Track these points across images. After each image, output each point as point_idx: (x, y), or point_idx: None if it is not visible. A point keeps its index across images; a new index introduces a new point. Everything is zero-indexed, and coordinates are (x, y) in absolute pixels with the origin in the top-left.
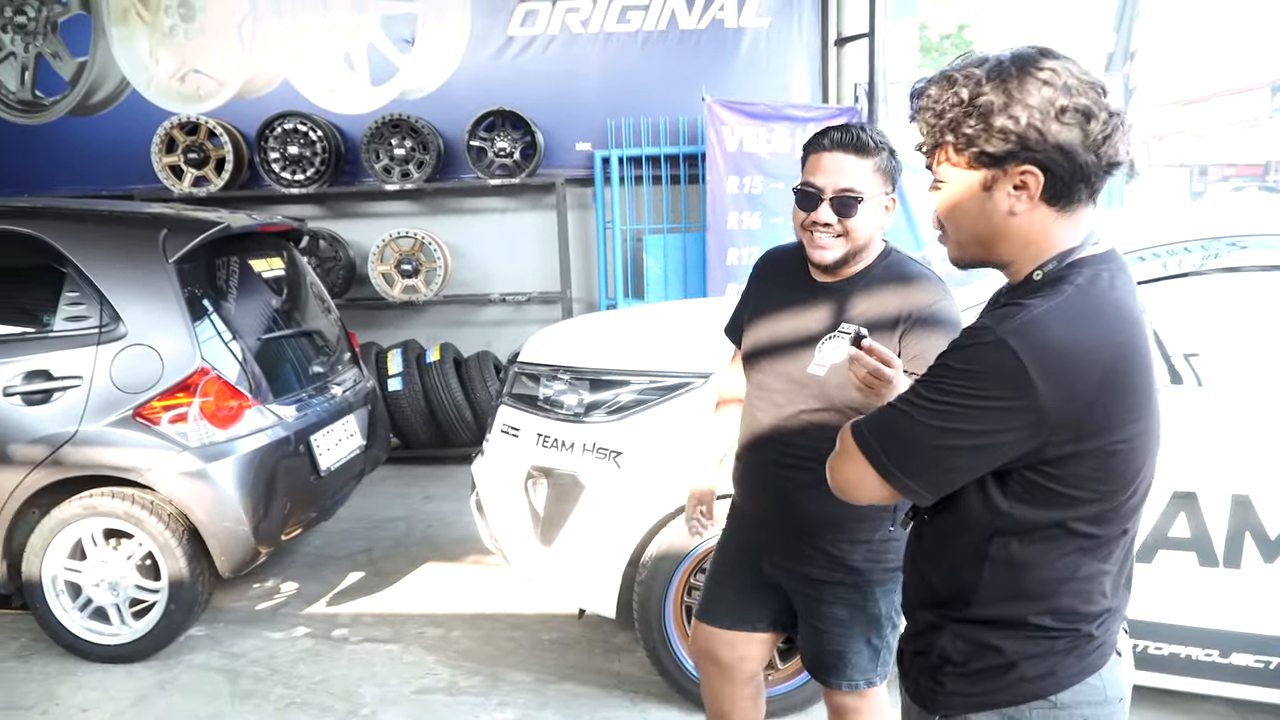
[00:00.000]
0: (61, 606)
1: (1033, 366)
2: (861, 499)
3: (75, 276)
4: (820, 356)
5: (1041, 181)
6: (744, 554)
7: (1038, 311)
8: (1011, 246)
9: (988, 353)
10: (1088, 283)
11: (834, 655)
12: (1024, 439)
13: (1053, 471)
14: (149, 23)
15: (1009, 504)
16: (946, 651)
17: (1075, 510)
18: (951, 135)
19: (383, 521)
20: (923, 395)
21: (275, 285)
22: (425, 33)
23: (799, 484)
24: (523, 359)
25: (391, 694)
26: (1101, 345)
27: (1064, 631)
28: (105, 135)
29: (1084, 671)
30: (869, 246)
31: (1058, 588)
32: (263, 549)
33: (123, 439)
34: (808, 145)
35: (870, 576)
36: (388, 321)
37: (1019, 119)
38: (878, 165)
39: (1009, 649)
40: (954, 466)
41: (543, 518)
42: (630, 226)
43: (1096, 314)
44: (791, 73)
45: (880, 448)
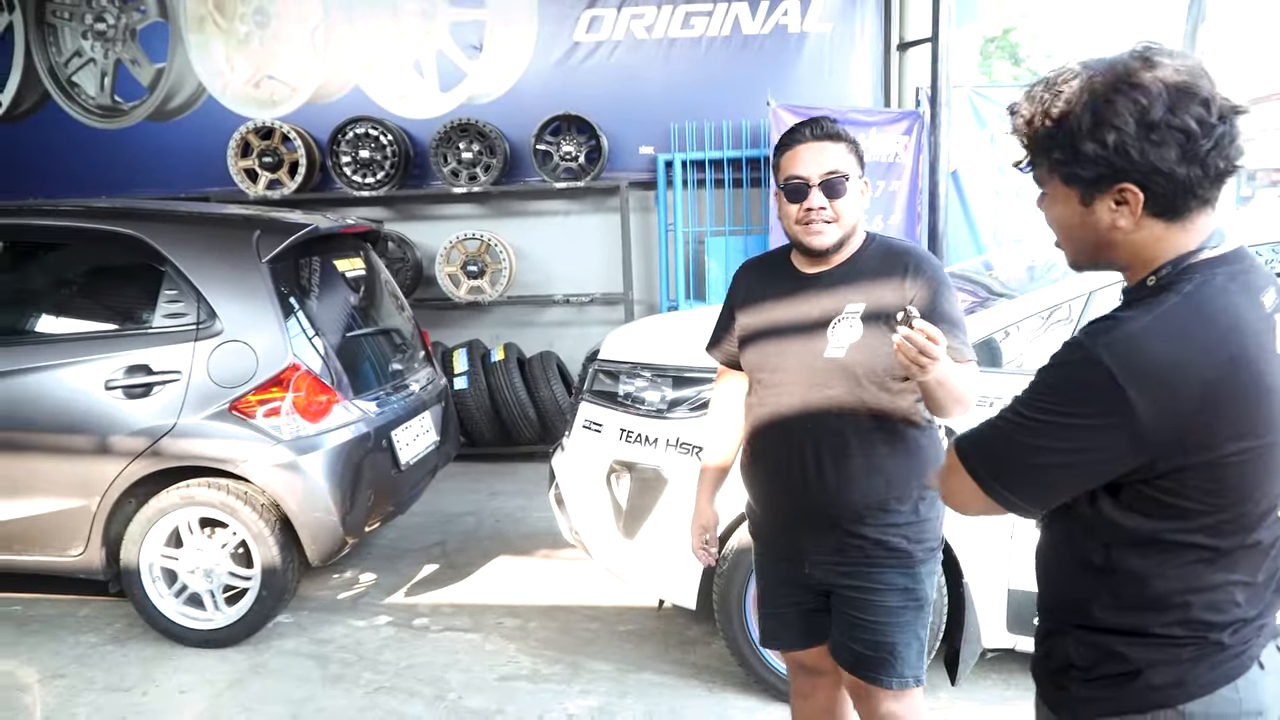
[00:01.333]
0: (158, 592)
1: (1129, 384)
2: (970, 512)
3: (174, 275)
4: (835, 339)
5: (1141, 199)
6: (784, 570)
7: (1135, 326)
8: (1122, 255)
9: (1081, 370)
10: (1195, 289)
11: (886, 647)
12: (1124, 456)
13: (1164, 484)
14: (225, 30)
15: (1121, 514)
16: (1071, 656)
17: (1188, 522)
18: (1044, 157)
19: (453, 516)
20: (1018, 411)
21: (355, 285)
22: (492, 39)
23: (839, 469)
24: (602, 356)
25: (476, 680)
26: (1203, 358)
27: (1191, 640)
28: (182, 139)
29: (1217, 682)
30: (856, 229)
31: (1184, 598)
32: (350, 539)
33: (219, 431)
34: (780, 145)
35: (916, 556)
36: (453, 321)
37: (1106, 142)
38: (850, 149)
39: (1134, 656)
40: (1051, 483)
41: (625, 511)
42: (692, 229)
43: (1199, 324)
44: (854, 77)
45: (978, 462)
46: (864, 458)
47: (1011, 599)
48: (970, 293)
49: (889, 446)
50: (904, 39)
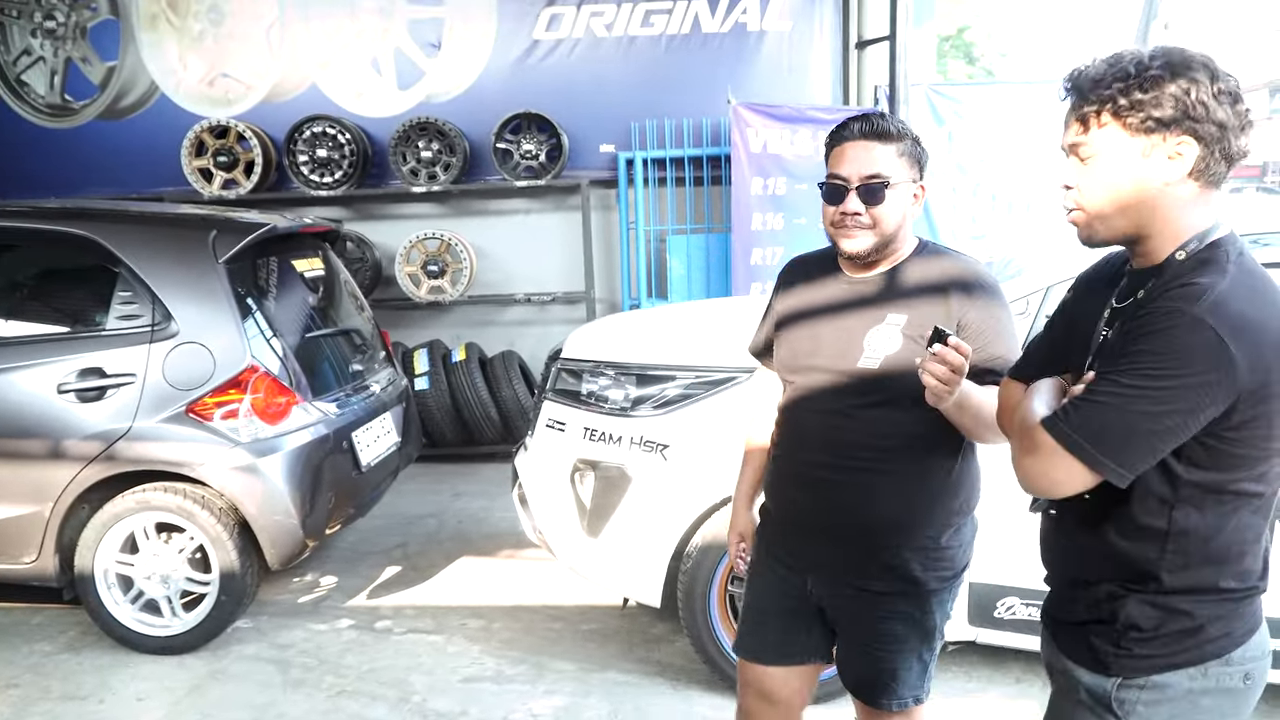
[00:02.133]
0: (113, 599)
1: (1231, 340)
2: (1063, 493)
3: (128, 276)
4: (870, 349)
5: (1196, 153)
6: (782, 581)
7: (1221, 289)
8: (1155, 220)
9: (1190, 333)
10: (1240, 260)
11: (887, 673)
12: (1221, 407)
13: (1231, 435)
14: (178, 27)
15: (1185, 470)
16: (1134, 618)
17: (1246, 470)
18: (1121, 99)
19: (415, 518)
20: (1126, 383)
21: (314, 285)
22: (451, 37)
23: (858, 485)
24: (565, 355)
25: (440, 682)
26: (1273, 314)
27: (1245, 592)
28: (134, 139)
29: (1251, 629)
30: (899, 236)
31: (1242, 549)
32: (310, 542)
33: (176, 434)
34: (830, 139)
35: (928, 586)
36: (413, 322)
37: (1188, 90)
38: (902, 150)
39: (1199, 613)
40: (1161, 445)
41: (589, 509)
42: (654, 227)
43: (1263, 287)
44: (813, 75)
45: (1089, 441)
46: (887, 476)
47: (973, 592)
48: None
49: (917, 468)
50: (862, 37)
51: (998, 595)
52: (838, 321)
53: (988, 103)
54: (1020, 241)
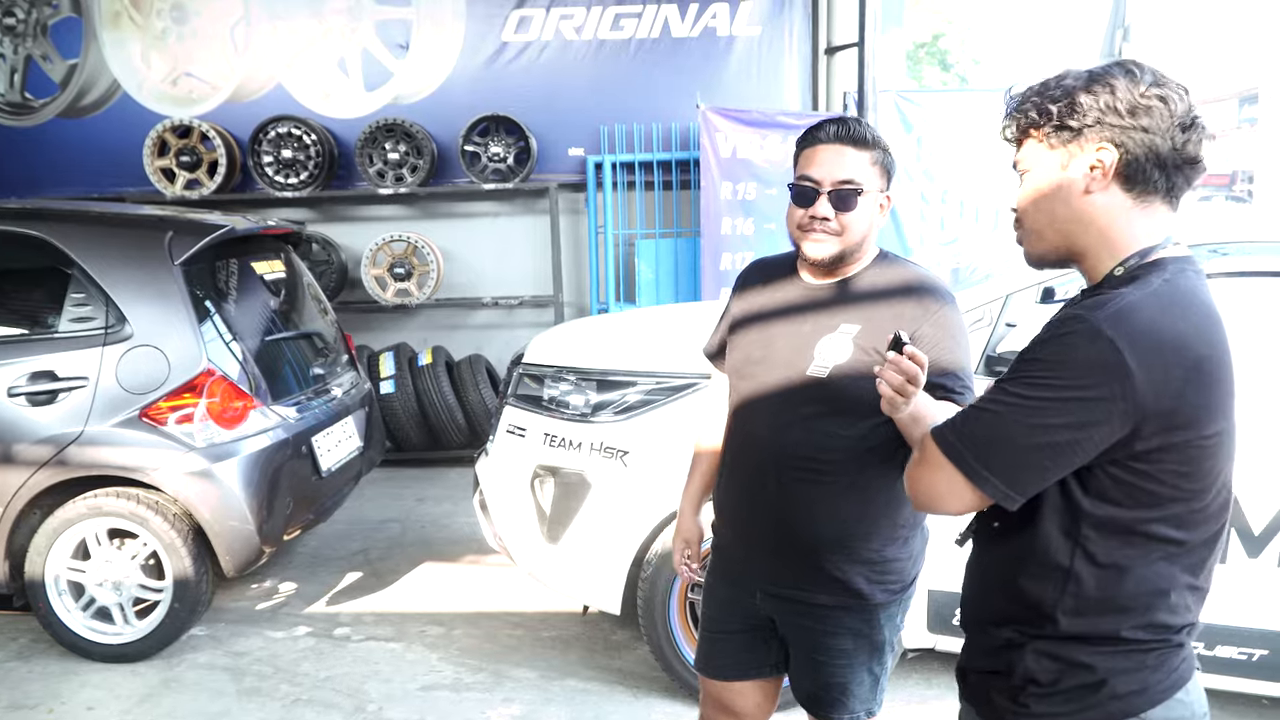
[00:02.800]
0: (64, 606)
1: (1129, 353)
2: (946, 509)
3: (81, 278)
4: (820, 357)
5: (1115, 159)
6: (733, 594)
7: (1129, 300)
8: (1088, 234)
9: (1083, 341)
10: (1174, 277)
11: (837, 688)
12: (1117, 428)
13: (1138, 466)
14: (140, 26)
15: (1091, 503)
16: (1031, 671)
17: (1159, 510)
18: (1033, 113)
19: (378, 523)
20: (1012, 393)
21: (275, 288)
22: (419, 38)
23: (801, 496)
24: (527, 360)
25: (397, 691)
26: (1193, 337)
27: (1155, 644)
28: (96, 138)
29: (1173, 686)
30: (864, 245)
31: (1150, 599)
32: (267, 548)
33: (129, 439)
34: (802, 139)
35: (874, 600)
36: (380, 325)
37: (1098, 95)
38: (875, 159)
39: (1101, 666)
40: (1049, 464)
41: (549, 516)
42: (623, 231)
43: (1185, 306)
44: (782, 81)
45: (970, 452)
46: (834, 487)
47: (932, 599)
48: None
49: (861, 479)
50: (831, 44)
51: (957, 603)
52: (791, 327)
53: (956, 109)
54: (988, 248)
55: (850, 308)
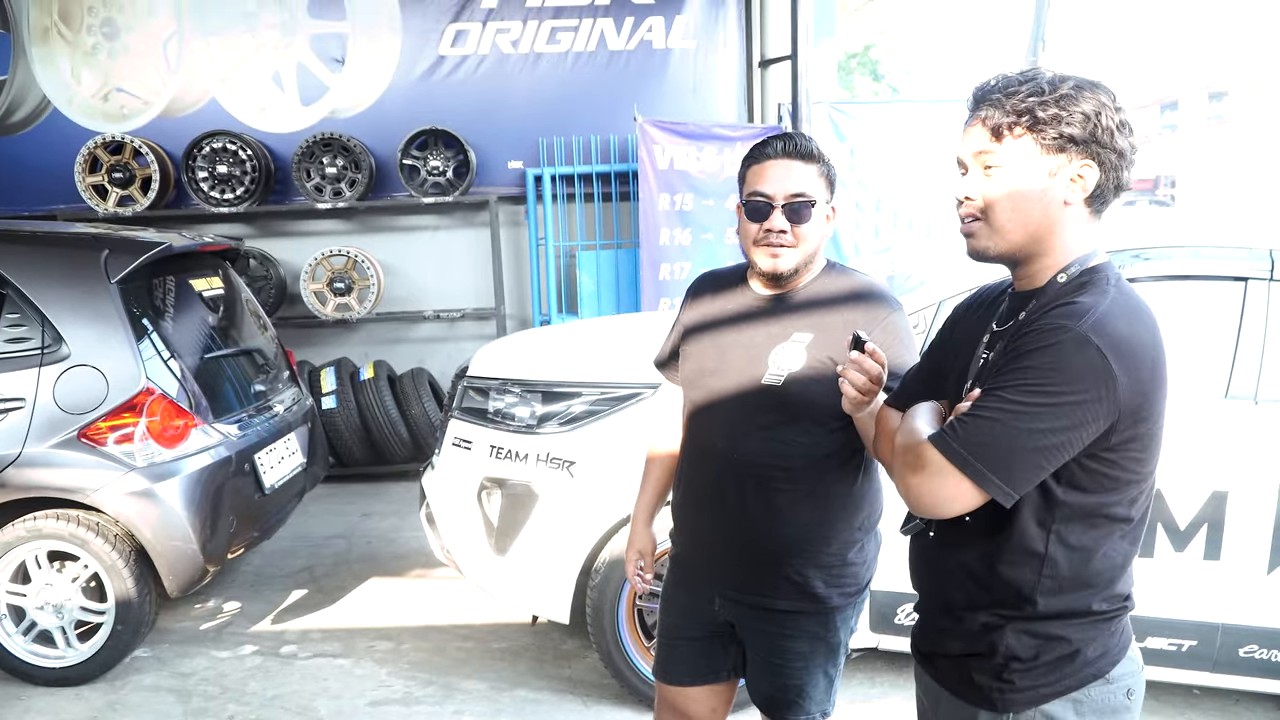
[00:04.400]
0: (4, 631)
1: (1113, 358)
2: (953, 512)
3: (15, 298)
4: (775, 366)
5: (1096, 178)
6: (692, 602)
7: (1103, 309)
8: (1049, 240)
9: (1074, 350)
10: (1119, 285)
11: (794, 690)
12: (1101, 426)
13: (1110, 456)
14: (70, 41)
15: (1064, 492)
16: (1013, 649)
17: (1119, 493)
18: (1039, 111)
19: (323, 539)
20: (1010, 399)
21: (214, 304)
22: (355, 52)
23: (761, 504)
24: (471, 373)
25: (346, 707)
26: (1150, 337)
27: (1115, 612)
28: (26, 155)
29: (1124, 645)
30: (816, 255)
31: (1112, 574)
32: (211, 567)
33: (68, 460)
34: (749, 157)
35: (831, 604)
36: (320, 340)
37: (1098, 112)
38: (821, 172)
39: (1075, 637)
40: (1045, 463)
41: (497, 528)
42: (563, 243)
43: (1139, 310)
44: (718, 93)
45: (975, 457)
46: (793, 494)
47: (874, 600)
48: None
49: (820, 485)
50: (765, 56)
51: (898, 602)
52: (744, 337)
53: (888, 120)
54: (921, 256)
55: (802, 317)
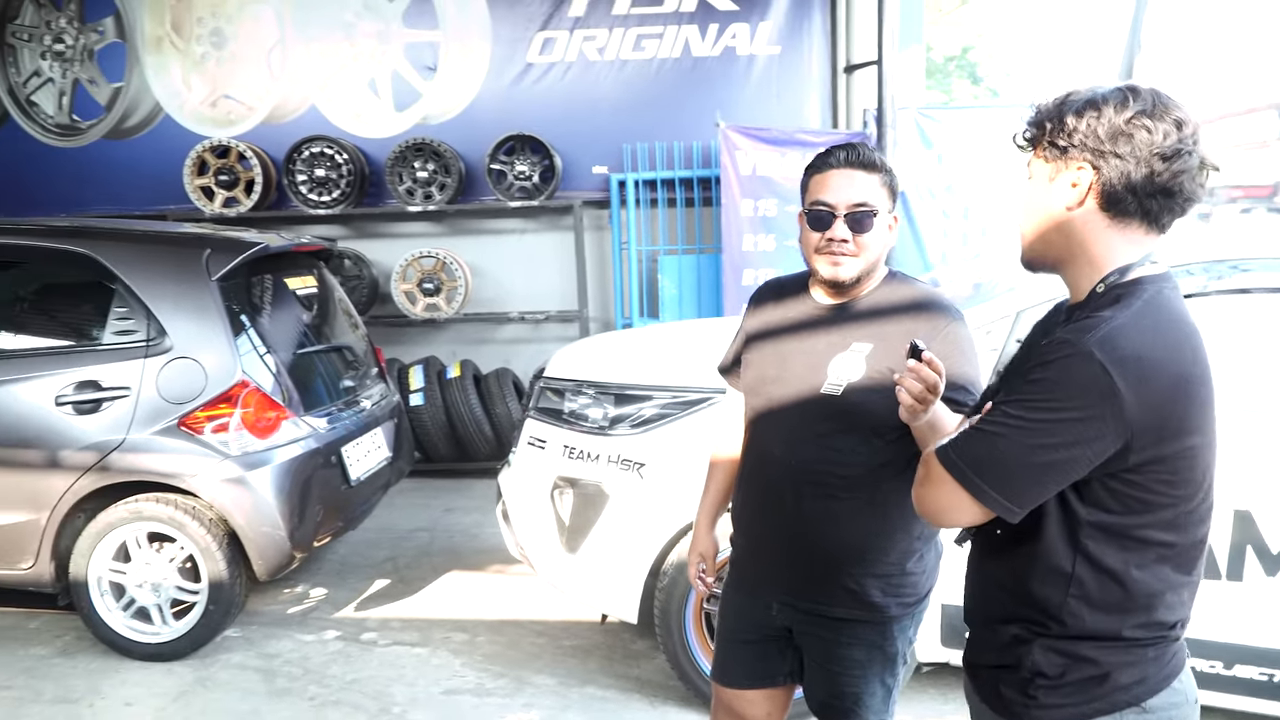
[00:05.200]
0: (106, 606)
1: (1117, 375)
2: (954, 523)
3: (124, 293)
4: (834, 375)
5: (1091, 179)
6: (750, 605)
7: (1116, 323)
8: (1068, 246)
9: (1076, 365)
10: (1153, 297)
11: (850, 698)
12: (1111, 445)
13: (1132, 478)
14: (181, 50)
15: (1087, 511)
16: (1039, 665)
17: (1151, 515)
18: (1035, 130)
19: (406, 532)
20: (1012, 414)
21: (307, 302)
22: (447, 60)
23: (818, 512)
24: (548, 374)
25: (420, 694)
26: (1173, 355)
27: (1153, 640)
28: (139, 158)
29: (1169, 676)
30: (878, 264)
31: (1149, 600)
32: (297, 554)
33: (168, 447)
34: (812, 166)
35: (889, 613)
36: (409, 339)
37: (1086, 120)
38: (884, 181)
39: (1104, 660)
40: (1047, 480)
41: (568, 526)
42: (646, 248)
43: (1166, 326)
44: (802, 99)
45: (973, 471)
46: (850, 502)
47: (945, 614)
48: None
49: (879, 494)
50: (850, 62)
51: None
52: (805, 345)
53: (976, 125)
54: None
55: (862, 326)
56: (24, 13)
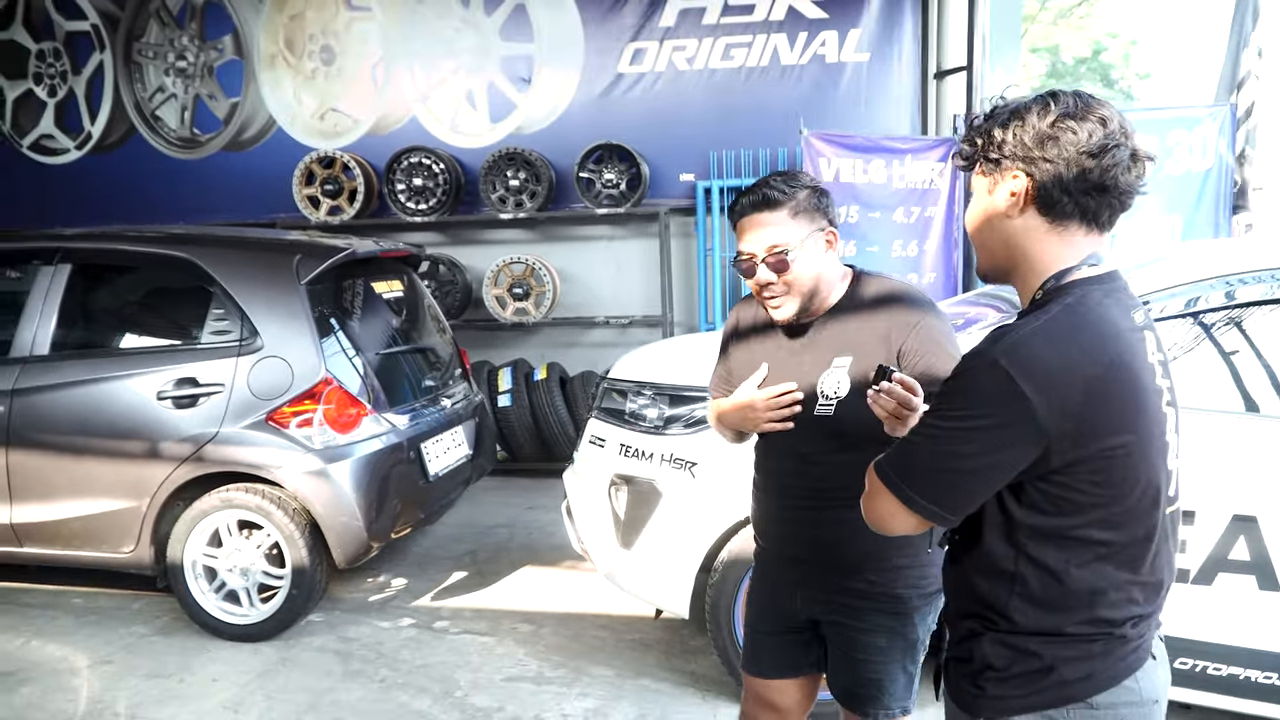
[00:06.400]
0: (200, 589)
1: (1023, 382)
2: (894, 530)
3: (221, 296)
4: (824, 396)
5: (1026, 185)
6: (777, 598)
7: (1024, 331)
8: (1013, 255)
9: (983, 375)
10: (1076, 301)
11: (873, 685)
12: (1028, 450)
13: (1059, 479)
14: (294, 66)
15: (1023, 513)
16: (988, 658)
17: (1083, 516)
18: (967, 146)
19: (488, 527)
20: (929, 424)
21: (394, 305)
22: (541, 72)
23: (834, 522)
24: (612, 376)
25: (483, 680)
26: (1083, 359)
27: (1099, 636)
28: (253, 169)
29: (1120, 674)
30: (823, 285)
31: (1091, 598)
32: (374, 544)
33: (257, 440)
34: (729, 215)
35: (911, 603)
36: (500, 342)
37: (1014, 131)
38: (794, 210)
39: (1048, 654)
40: (969, 486)
41: (623, 522)
42: (730, 254)
43: (1080, 330)
44: (891, 105)
45: (901, 480)
46: (860, 511)
47: None
48: (996, 308)
49: None
50: (941, 67)
51: None
52: (790, 373)
53: None
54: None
55: (837, 340)
56: (149, 31)
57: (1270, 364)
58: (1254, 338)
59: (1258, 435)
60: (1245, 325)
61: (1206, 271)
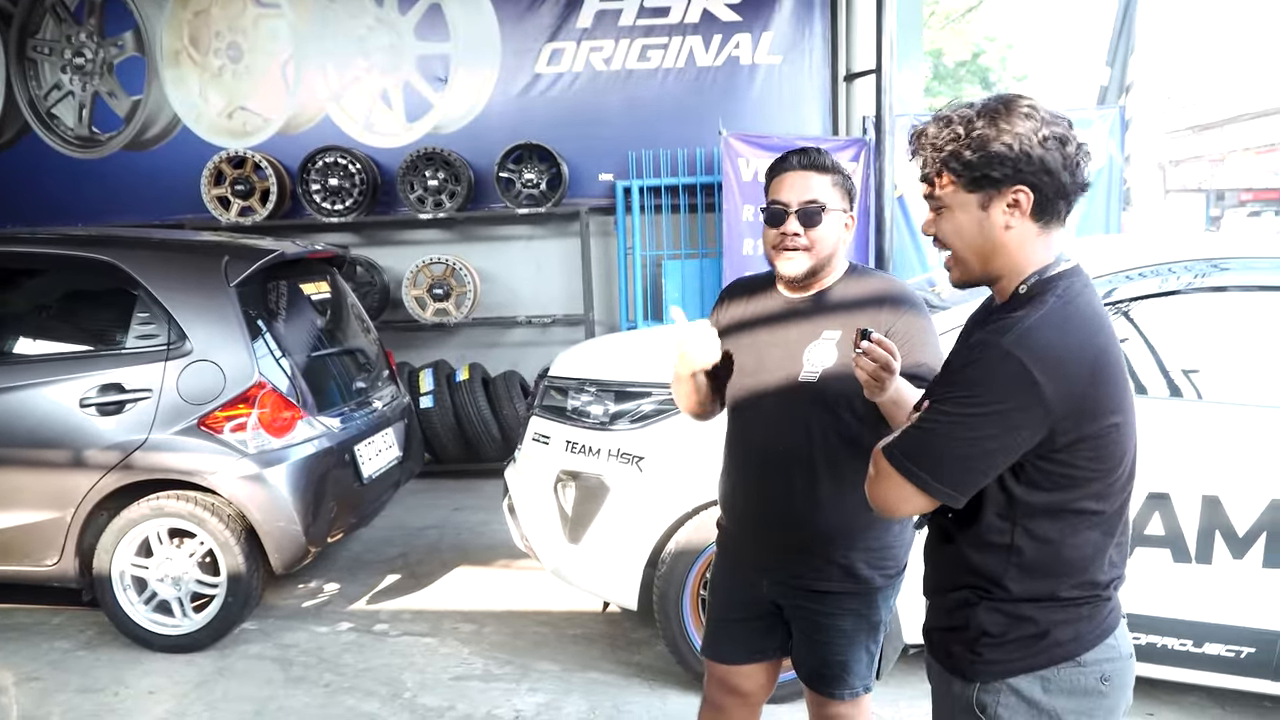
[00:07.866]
0: (128, 600)
1: (1036, 369)
2: (902, 512)
3: (146, 299)
4: (809, 364)
5: (1031, 199)
6: (740, 585)
7: (1030, 322)
8: (1003, 261)
9: (997, 364)
10: (1064, 292)
11: (838, 665)
12: (1037, 432)
13: (1060, 457)
14: (199, 64)
15: (1023, 490)
16: (985, 625)
17: (1080, 490)
18: (954, 162)
19: (417, 529)
20: (944, 411)
21: (321, 307)
22: (457, 71)
23: (805, 494)
24: (552, 373)
25: (430, 680)
26: (1085, 345)
27: (1087, 599)
28: (157, 168)
29: (1103, 633)
30: (834, 260)
31: (1084, 563)
32: (312, 548)
33: (188, 445)
34: (772, 169)
35: (875, 584)
36: (420, 343)
37: (1011, 145)
38: (836, 182)
39: (1042, 619)
40: (983, 468)
41: (571, 518)
42: (650, 252)
43: (1078, 320)
44: (803, 107)
45: (915, 465)
46: (834, 483)
47: None
48: None
49: (859, 475)
50: (850, 70)
51: None
52: (778, 338)
53: None
54: None
55: (829, 316)
56: (45, 27)
57: (1157, 350)
58: (1142, 327)
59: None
60: (1133, 315)
61: (1107, 267)
